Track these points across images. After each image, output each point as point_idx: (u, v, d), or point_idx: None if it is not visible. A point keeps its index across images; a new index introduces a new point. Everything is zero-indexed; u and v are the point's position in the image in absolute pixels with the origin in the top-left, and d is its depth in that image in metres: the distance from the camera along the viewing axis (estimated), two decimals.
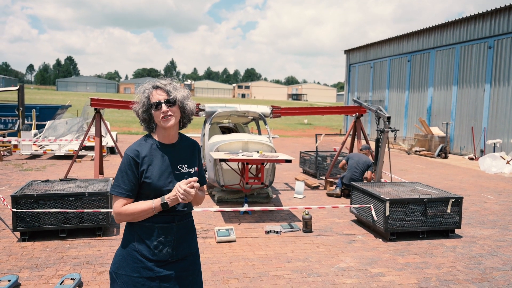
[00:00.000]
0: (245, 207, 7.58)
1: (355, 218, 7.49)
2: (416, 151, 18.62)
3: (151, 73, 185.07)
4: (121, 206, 2.35)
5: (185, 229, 2.49)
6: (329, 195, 9.41)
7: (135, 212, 2.32)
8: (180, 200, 2.27)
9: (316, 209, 8.04)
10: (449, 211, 6.45)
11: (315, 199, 9.03)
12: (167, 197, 2.31)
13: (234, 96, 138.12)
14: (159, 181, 2.36)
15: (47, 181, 6.81)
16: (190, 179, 2.30)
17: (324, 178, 10.81)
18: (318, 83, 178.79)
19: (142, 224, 2.37)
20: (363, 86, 27.81)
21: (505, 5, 16.38)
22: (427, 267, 5.36)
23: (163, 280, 2.39)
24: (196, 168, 2.55)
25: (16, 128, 16.42)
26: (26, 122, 16.93)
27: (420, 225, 6.40)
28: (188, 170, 2.49)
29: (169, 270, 2.40)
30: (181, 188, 2.26)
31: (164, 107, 2.35)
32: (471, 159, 17.12)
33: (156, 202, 2.32)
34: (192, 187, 2.28)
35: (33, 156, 14.23)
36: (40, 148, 14.25)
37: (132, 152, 2.38)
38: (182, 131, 2.60)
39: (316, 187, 10.27)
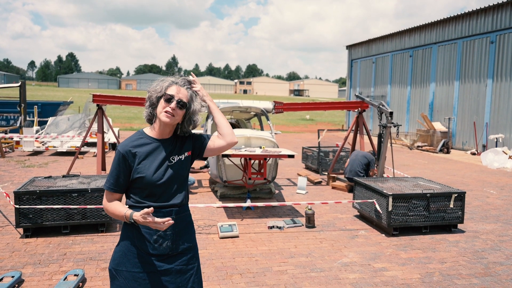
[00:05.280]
0: (248, 203, 7.58)
1: (358, 213, 7.49)
2: (418, 146, 18.57)
3: (152, 69, 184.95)
4: (108, 201, 2.42)
5: (183, 223, 2.49)
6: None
7: (113, 212, 2.40)
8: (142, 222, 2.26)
9: (319, 204, 8.04)
10: (451, 206, 6.44)
11: (317, 195, 9.03)
12: (135, 216, 2.27)
13: (236, 92, 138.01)
14: (153, 175, 2.36)
15: (49, 177, 6.80)
16: (144, 210, 2.23)
17: (326, 173, 10.82)
18: (320, 78, 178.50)
19: None
20: (365, 82, 27.74)
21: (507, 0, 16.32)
22: (430, 262, 5.35)
23: (164, 274, 2.40)
24: (188, 152, 2.52)
25: (18, 124, 16.43)
26: (28, 118, 16.93)
27: (423, 220, 6.39)
28: (178, 158, 2.46)
29: (170, 264, 2.42)
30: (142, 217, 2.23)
31: (173, 104, 2.35)
32: (473, 154, 17.09)
33: (127, 212, 2.33)
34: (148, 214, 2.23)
35: (35, 153, 14.23)
36: (42, 145, 14.25)
37: (123, 149, 2.38)
38: None
39: (319, 183, 10.27)
